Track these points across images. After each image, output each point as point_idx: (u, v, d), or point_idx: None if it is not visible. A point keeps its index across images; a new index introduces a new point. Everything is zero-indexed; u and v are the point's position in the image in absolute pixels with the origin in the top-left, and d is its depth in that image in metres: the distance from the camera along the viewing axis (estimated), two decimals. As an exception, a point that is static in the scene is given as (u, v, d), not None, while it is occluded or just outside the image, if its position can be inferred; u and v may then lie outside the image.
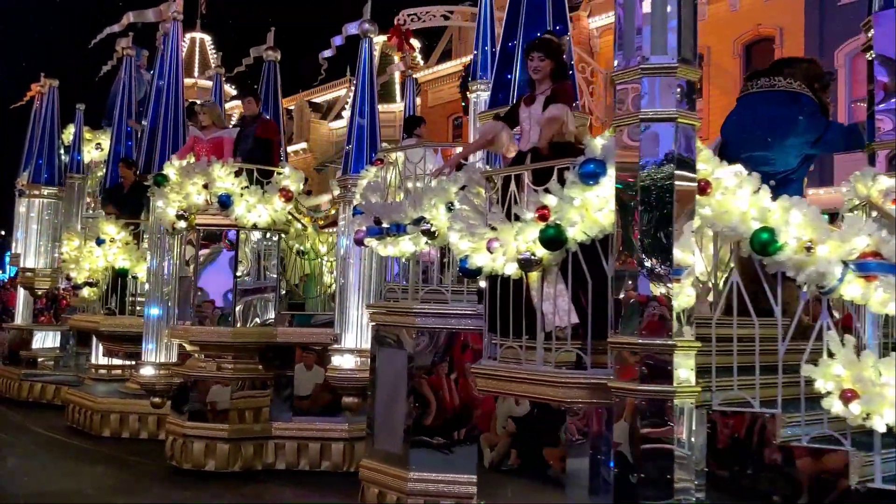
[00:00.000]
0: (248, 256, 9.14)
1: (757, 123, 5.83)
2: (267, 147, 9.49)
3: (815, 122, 5.88)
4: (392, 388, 6.80)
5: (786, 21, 21.51)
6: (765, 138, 5.79)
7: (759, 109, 5.92)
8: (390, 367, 6.84)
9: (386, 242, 6.70)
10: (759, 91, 6.02)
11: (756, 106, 5.97)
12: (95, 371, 12.77)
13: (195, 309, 9.02)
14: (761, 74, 6.20)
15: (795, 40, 21.44)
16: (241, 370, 9.02)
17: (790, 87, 5.95)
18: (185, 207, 8.95)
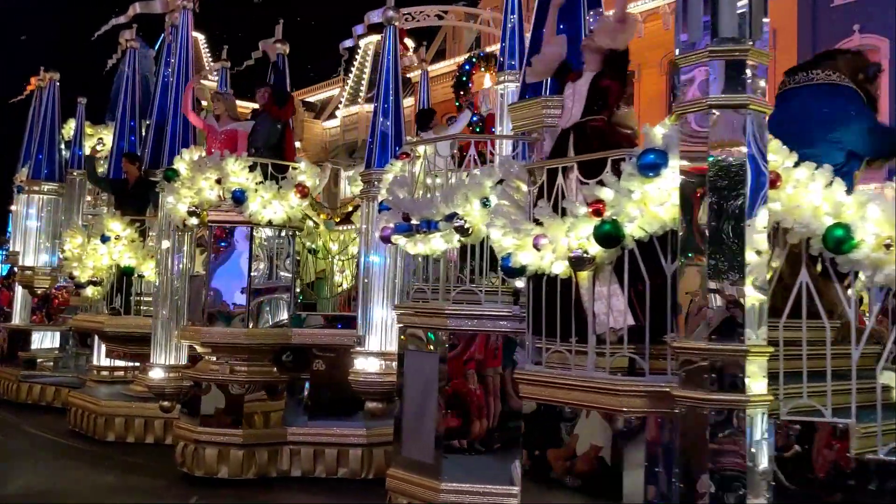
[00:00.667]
0: (261, 254, 8.78)
1: (798, 120, 5.51)
2: (282, 134, 9.12)
3: (859, 112, 5.58)
4: (421, 393, 6.46)
5: (779, 22, 21.03)
6: (807, 134, 5.47)
7: (799, 105, 5.63)
8: (419, 370, 6.50)
9: (415, 240, 6.36)
10: (798, 86, 5.73)
11: (796, 101, 5.68)
12: (97, 373, 12.37)
13: (207, 309, 8.65)
14: (800, 69, 5.91)
15: (789, 41, 21.86)
16: (254, 373, 8.66)
17: (829, 78, 5.66)
18: (197, 203, 8.60)
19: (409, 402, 6.61)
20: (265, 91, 9.35)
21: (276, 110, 9.09)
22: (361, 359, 7.56)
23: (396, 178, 6.83)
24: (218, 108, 9.21)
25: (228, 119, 9.25)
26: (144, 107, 14.36)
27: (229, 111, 9.28)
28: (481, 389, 6.26)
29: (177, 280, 9.17)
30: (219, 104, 9.21)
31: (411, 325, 6.63)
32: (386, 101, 7.64)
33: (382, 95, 7.66)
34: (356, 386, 7.58)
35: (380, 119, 7.61)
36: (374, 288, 7.56)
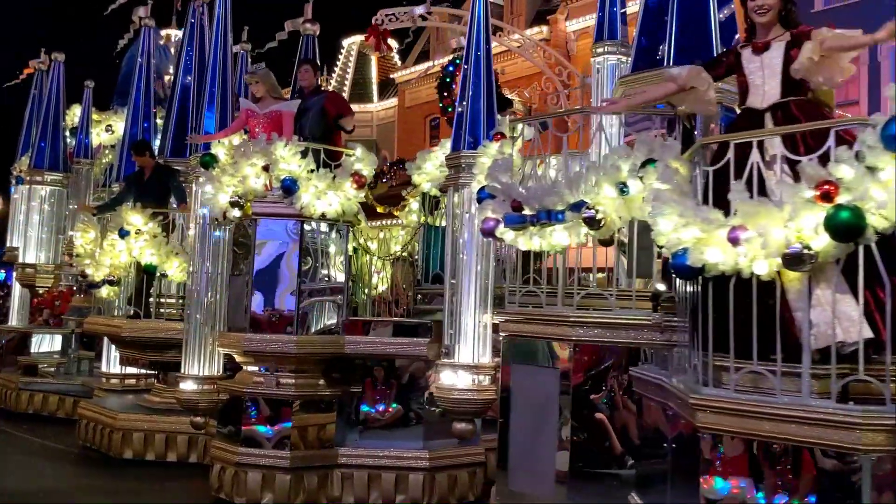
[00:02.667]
0: (313, 252, 7.74)
1: None
2: (335, 125, 8.10)
3: None
4: (535, 416, 5.47)
5: None
6: None
7: None
8: (532, 388, 5.50)
9: (530, 233, 5.37)
10: None
11: None
12: (107, 381, 11.32)
13: (250, 313, 7.59)
14: None
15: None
16: (303, 386, 7.62)
17: None
18: (240, 193, 7.53)
19: (517, 426, 5.60)
20: (307, 68, 8.32)
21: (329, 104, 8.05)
22: (449, 372, 6.49)
23: (498, 162, 5.81)
24: (258, 89, 8.15)
25: (270, 99, 8.19)
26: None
27: (269, 90, 8.22)
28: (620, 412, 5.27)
29: (213, 280, 8.10)
30: (258, 85, 8.14)
31: (520, 335, 5.62)
32: (477, 74, 6.59)
33: (473, 69, 6.61)
34: (443, 404, 6.51)
35: (469, 94, 6.57)
36: (464, 290, 6.48)
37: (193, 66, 10.54)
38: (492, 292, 6.43)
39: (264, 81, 8.14)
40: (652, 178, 4.68)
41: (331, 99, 8.25)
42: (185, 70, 10.55)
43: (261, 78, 8.14)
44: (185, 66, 10.60)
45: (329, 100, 8.21)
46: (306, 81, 8.30)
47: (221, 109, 8.29)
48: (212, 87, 8.34)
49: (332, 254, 7.89)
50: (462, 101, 6.62)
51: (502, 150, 6.03)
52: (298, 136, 7.70)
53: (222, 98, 8.32)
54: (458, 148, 6.57)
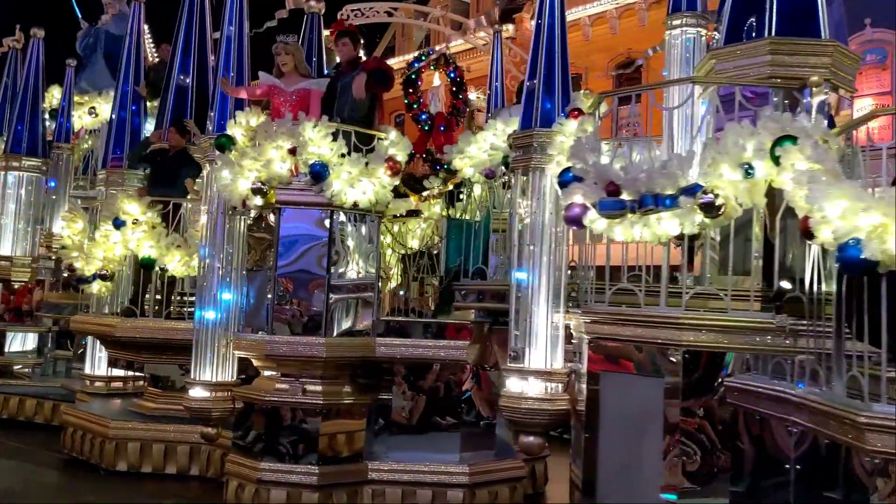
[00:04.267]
0: (342, 245, 6.98)
1: None
2: (372, 102, 7.34)
3: None
4: (633, 431, 4.79)
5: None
6: None
7: None
8: (628, 399, 4.83)
9: (630, 221, 4.69)
10: None
11: None
12: (91, 383, 10.42)
13: (272, 313, 6.82)
14: None
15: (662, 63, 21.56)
16: (332, 394, 6.86)
17: None
18: (263, 179, 6.74)
19: (610, 442, 4.91)
20: (346, 40, 7.54)
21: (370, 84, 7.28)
22: (517, 379, 5.75)
23: (583, 141, 5.12)
24: (286, 62, 7.34)
25: (297, 76, 7.40)
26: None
27: (298, 65, 7.43)
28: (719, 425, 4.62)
29: (228, 276, 7.30)
30: (287, 57, 7.33)
31: (613, 338, 4.94)
32: (550, 43, 5.83)
33: (546, 38, 5.85)
34: (510, 415, 5.79)
35: (542, 66, 5.82)
36: (534, 287, 5.75)
37: (193, 44, 9.72)
38: (564, 289, 5.73)
39: (296, 54, 7.34)
40: (794, 158, 4.02)
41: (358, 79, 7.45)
42: (184, 49, 9.70)
43: (293, 50, 7.34)
44: (182, 45, 9.75)
45: (357, 81, 7.42)
46: (346, 55, 7.51)
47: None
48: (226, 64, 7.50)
49: (363, 247, 7.14)
50: (533, 75, 5.88)
51: (583, 128, 5.34)
52: (337, 117, 6.92)
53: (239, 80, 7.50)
54: (528, 126, 5.84)
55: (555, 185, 5.69)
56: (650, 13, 22.54)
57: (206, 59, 9.83)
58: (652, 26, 21.44)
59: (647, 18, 23.08)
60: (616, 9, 24.61)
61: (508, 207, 7.75)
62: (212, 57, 9.97)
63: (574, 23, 24.58)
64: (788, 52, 5.25)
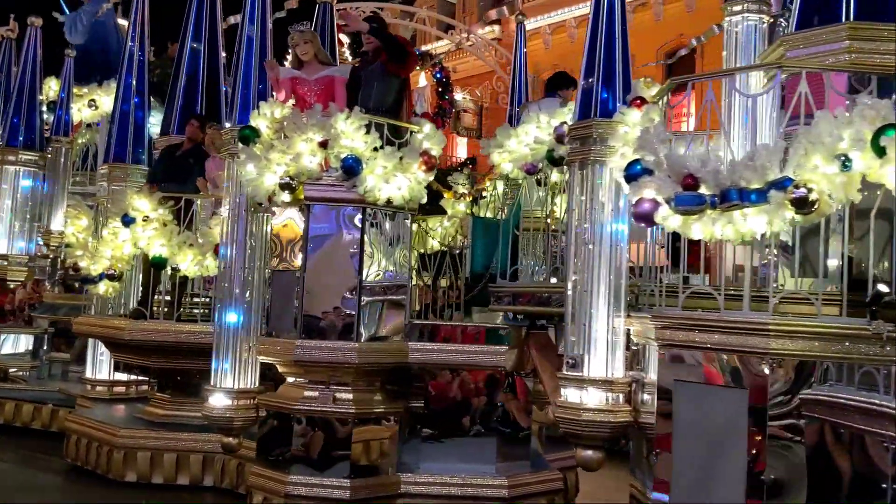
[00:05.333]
0: (375, 244, 6.59)
1: None
2: (400, 91, 6.96)
3: None
4: (711, 446, 4.43)
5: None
6: None
7: None
8: (705, 411, 4.47)
9: (711, 218, 4.34)
10: None
11: None
12: (92, 388, 9.96)
13: (302, 316, 6.41)
14: None
15: (716, 50, 20.95)
16: (363, 402, 6.47)
17: None
18: (292, 173, 6.34)
19: (684, 458, 4.55)
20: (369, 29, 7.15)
21: (393, 66, 6.91)
22: (575, 389, 5.37)
23: (650, 131, 4.75)
24: (306, 51, 6.95)
25: (318, 63, 7.00)
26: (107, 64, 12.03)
27: (319, 54, 7.04)
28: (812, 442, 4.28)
29: (250, 276, 6.89)
30: (306, 45, 6.94)
31: (689, 346, 4.57)
32: (610, 27, 5.42)
33: (606, 21, 5.44)
34: (568, 426, 5.40)
35: (600, 51, 5.42)
36: (594, 289, 5.35)
37: (204, 36, 9.31)
38: (625, 292, 5.36)
39: (314, 41, 6.95)
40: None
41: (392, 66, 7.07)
42: (194, 41, 9.29)
43: (311, 37, 6.95)
44: (192, 36, 9.34)
45: (390, 66, 7.04)
46: (373, 44, 7.11)
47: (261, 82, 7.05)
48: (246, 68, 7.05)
49: (395, 246, 6.75)
50: (592, 62, 5.48)
51: (649, 117, 4.97)
52: (361, 107, 6.52)
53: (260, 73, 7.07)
54: (586, 115, 5.45)
55: (616, 179, 5.33)
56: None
57: (217, 51, 9.43)
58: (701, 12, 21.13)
59: (695, 4, 22.69)
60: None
61: (540, 205, 7.44)
62: (223, 51, 9.59)
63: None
64: (868, 37, 4.93)
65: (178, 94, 9.12)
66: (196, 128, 8.68)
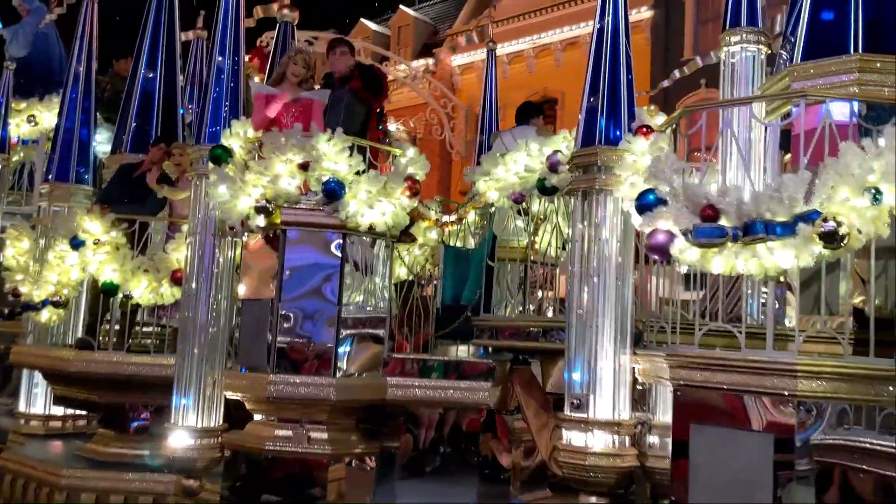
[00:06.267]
0: (354, 273, 6.23)
1: None
2: (367, 118, 6.65)
3: None
4: (732, 494, 4.19)
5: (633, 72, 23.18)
6: None
7: None
8: (725, 457, 4.23)
9: (733, 251, 4.14)
10: None
11: None
12: (26, 422, 9.24)
13: (275, 348, 5.98)
14: None
15: (642, 90, 22.51)
16: (338, 442, 6.06)
17: None
18: (270, 196, 5.94)
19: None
20: (344, 49, 6.83)
21: (365, 94, 6.62)
22: (578, 432, 5.04)
23: (660, 159, 4.54)
24: (298, 74, 6.60)
25: (298, 87, 6.65)
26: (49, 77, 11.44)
27: (305, 82, 6.69)
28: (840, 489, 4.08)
29: (215, 306, 6.44)
30: (302, 70, 6.60)
31: (708, 386, 4.34)
32: (615, 51, 5.20)
33: (610, 44, 5.23)
34: (570, 472, 5.06)
35: (605, 77, 5.20)
36: (600, 324, 5.07)
37: (161, 49, 8.86)
38: (632, 327, 5.10)
39: (307, 64, 6.60)
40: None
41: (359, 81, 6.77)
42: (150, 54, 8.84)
43: (303, 60, 6.60)
44: (148, 49, 8.88)
45: (358, 81, 6.73)
46: (342, 65, 6.78)
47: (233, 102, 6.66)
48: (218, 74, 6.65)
49: (373, 276, 6.40)
50: (594, 88, 5.27)
51: (657, 146, 4.77)
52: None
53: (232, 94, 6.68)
54: (590, 143, 5.21)
55: (622, 209, 5.10)
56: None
57: (174, 65, 8.98)
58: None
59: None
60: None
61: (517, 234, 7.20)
62: (180, 63, 9.14)
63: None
64: (880, 69, 4.85)
65: (132, 111, 8.62)
66: (163, 152, 8.16)
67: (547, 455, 6.19)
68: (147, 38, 8.88)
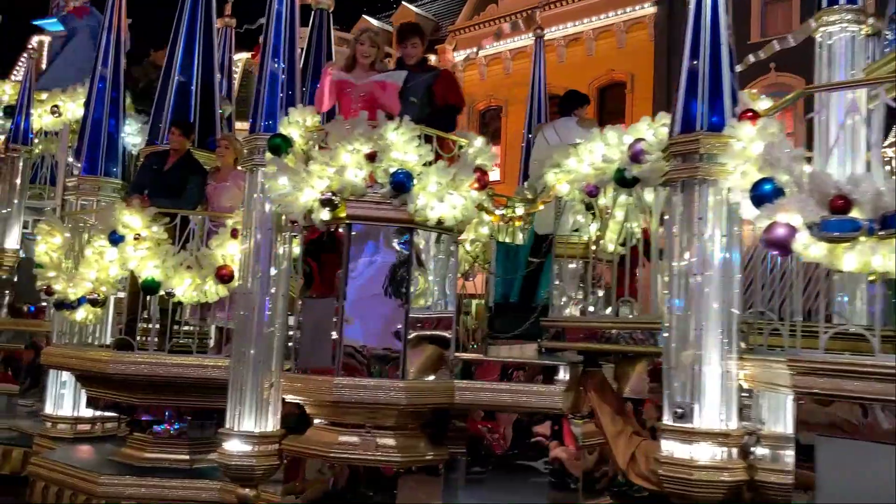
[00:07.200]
0: (422, 270, 5.90)
1: None
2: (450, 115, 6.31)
3: None
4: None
5: (636, 68, 23.49)
6: None
7: None
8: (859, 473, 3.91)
9: (867, 246, 3.81)
10: None
11: None
12: (53, 426, 8.90)
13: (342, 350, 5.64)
14: None
15: (645, 86, 23.39)
16: (406, 449, 5.72)
17: None
18: (335, 188, 5.59)
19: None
20: (416, 41, 6.48)
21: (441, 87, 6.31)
22: (681, 443, 4.68)
23: (777, 145, 4.21)
24: (368, 55, 6.25)
25: (371, 70, 6.30)
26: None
27: (378, 62, 6.34)
28: None
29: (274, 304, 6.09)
30: (372, 49, 6.26)
31: (837, 395, 4.01)
32: (715, 28, 4.80)
33: (710, 19, 4.84)
34: (672, 486, 4.69)
35: (705, 55, 4.76)
36: (704, 327, 4.71)
37: (198, 37, 8.52)
38: (737, 329, 4.75)
39: (380, 49, 6.26)
40: None
41: (443, 81, 6.41)
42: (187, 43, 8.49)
43: (380, 43, 6.25)
44: (185, 37, 8.53)
45: (441, 82, 6.38)
46: (413, 56, 6.44)
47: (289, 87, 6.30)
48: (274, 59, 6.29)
49: (439, 273, 6.07)
50: (694, 69, 4.86)
51: (766, 132, 4.44)
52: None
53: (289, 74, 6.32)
54: (691, 128, 4.83)
55: (727, 200, 4.76)
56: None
57: (211, 54, 8.63)
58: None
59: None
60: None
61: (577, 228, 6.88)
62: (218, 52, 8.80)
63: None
64: None
65: (169, 100, 8.26)
66: (179, 136, 7.78)
67: (625, 463, 5.87)
68: (183, 27, 8.54)
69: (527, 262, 7.20)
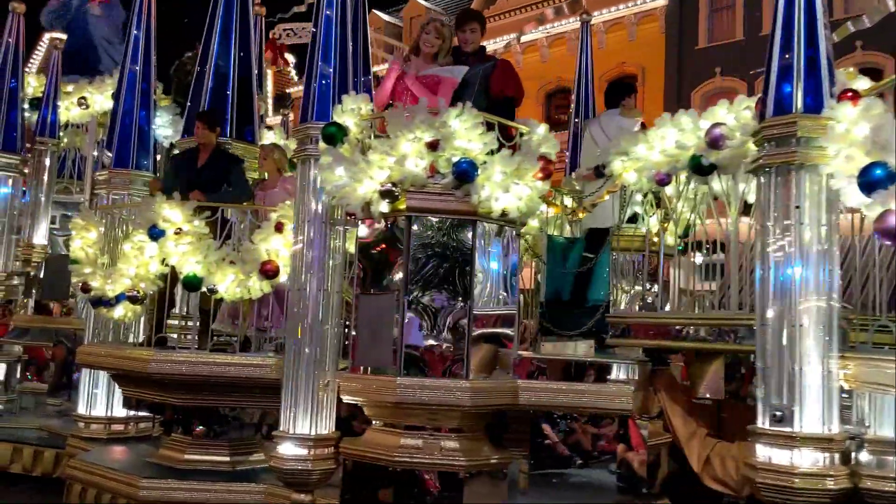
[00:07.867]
0: (485, 265, 5.61)
1: None
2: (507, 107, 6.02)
3: None
4: None
5: (647, 61, 23.64)
6: None
7: None
8: None
9: None
10: None
11: None
12: (86, 426, 8.63)
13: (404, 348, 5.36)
14: None
15: (656, 79, 23.56)
16: (471, 451, 5.44)
17: None
18: (396, 179, 5.31)
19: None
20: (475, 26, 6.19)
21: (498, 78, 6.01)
22: (781, 449, 4.37)
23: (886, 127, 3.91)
24: (433, 45, 5.97)
25: (432, 62, 6.01)
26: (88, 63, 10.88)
27: (441, 54, 6.05)
28: None
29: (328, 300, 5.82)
30: (437, 40, 5.97)
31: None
32: (810, 6, 4.50)
33: (804, 6, 4.55)
34: (772, 494, 4.37)
35: (800, 33, 4.43)
36: (803, 324, 4.37)
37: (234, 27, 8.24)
38: (837, 327, 4.45)
39: (447, 41, 5.97)
40: None
41: (500, 72, 6.10)
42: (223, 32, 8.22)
43: (448, 35, 5.96)
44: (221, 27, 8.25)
45: (498, 72, 6.08)
46: (471, 41, 6.15)
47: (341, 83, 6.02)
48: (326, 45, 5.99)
49: (502, 268, 5.78)
50: (787, 45, 4.53)
51: (870, 113, 4.13)
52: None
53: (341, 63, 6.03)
54: (784, 110, 4.51)
55: (827, 187, 4.45)
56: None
57: (248, 45, 8.34)
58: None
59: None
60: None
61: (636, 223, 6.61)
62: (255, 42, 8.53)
63: None
64: None
65: (206, 94, 7.97)
66: (203, 129, 7.47)
67: (699, 467, 5.60)
68: (219, 17, 8.25)
69: (581, 259, 6.94)
